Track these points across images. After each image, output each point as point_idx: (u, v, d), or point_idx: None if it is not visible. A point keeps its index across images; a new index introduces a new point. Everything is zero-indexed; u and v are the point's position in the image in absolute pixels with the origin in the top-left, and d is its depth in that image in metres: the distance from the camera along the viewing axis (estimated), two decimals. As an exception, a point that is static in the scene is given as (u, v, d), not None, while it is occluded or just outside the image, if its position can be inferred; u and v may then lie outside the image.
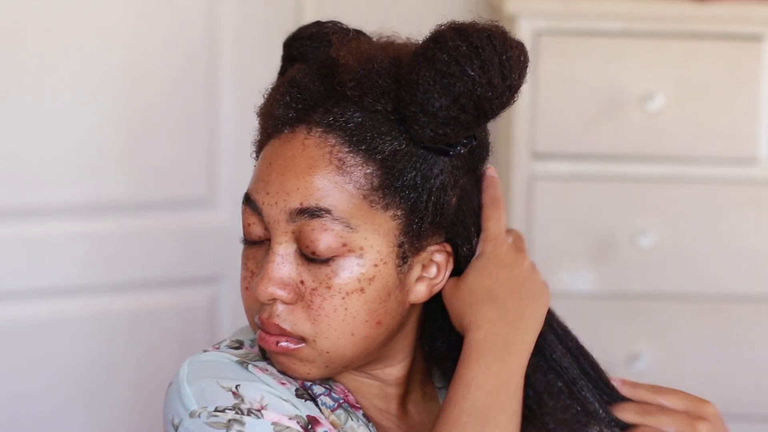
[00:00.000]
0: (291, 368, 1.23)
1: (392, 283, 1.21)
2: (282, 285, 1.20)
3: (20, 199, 2.36)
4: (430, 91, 1.17)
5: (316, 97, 1.22)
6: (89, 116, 2.39)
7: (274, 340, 1.21)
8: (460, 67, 1.16)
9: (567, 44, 2.40)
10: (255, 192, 1.24)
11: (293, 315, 1.20)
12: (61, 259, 2.40)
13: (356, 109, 1.20)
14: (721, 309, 2.45)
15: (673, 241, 2.43)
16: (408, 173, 1.20)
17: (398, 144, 1.20)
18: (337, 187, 1.19)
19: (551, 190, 2.42)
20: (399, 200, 1.20)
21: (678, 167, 2.43)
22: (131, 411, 2.48)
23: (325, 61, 1.24)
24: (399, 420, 1.31)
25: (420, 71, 1.17)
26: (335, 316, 1.20)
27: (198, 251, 2.53)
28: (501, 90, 1.18)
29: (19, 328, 2.38)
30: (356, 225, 1.19)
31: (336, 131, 1.20)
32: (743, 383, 2.46)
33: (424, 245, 1.23)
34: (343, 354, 1.22)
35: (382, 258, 1.20)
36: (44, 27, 2.33)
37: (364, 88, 1.20)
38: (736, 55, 2.41)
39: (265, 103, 1.27)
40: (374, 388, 1.30)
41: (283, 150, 1.22)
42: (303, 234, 1.19)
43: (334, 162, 1.19)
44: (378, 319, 1.21)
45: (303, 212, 1.19)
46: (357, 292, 1.20)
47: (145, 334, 2.49)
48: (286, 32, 1.36)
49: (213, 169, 2.52)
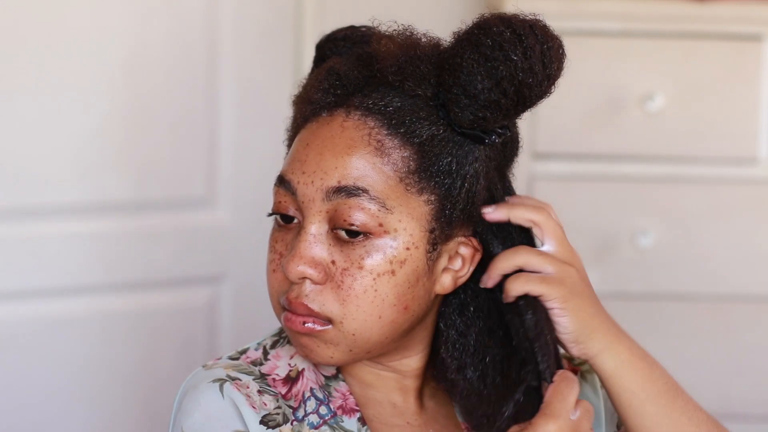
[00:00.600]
0: (314, 351, 1.23)
1: (421, 269, 1.23)
2: (313, 264, 1.21)
3: (20, 199, 2.36)
4: (474, 74, 1.19)
5: (354, 83, 1.24)
6: (89, 116, 2.39)
7: (301, 320, 1.22)
8: (504, 52, 1.19)
9: (567, 44, 2.39)
10: (290, 172, 1.24)
11: (322, 295, 1.22)
12: (61, 259, 2.40)
13: (395, 94, 1.23)
14: (721, 309, 2.45)
15: (673, 241, 2.43)
16: (444, 158, 1.22)
17: (436, 129, 1.22)
18: (375, 168, 1.21)
19: (551, 190, 2.42)
20: (434, 185, 1.22)
21: (678, 167, 2.43)
22: (131, 411, 2.48)
23: (364, 52, 1.26)
24: (415, 414, 1.31)
25: (464, 54, 1.20)
26: (365, 297, 1.21)
27: (198, 251, 2.53)
28: (541, 78, 1.23)
29: (19, 328, 2.38)
30: (392, 206, 1.21)
31: (375, 114, 1.22)
32: (743, 383, 2.46)
33: (453, 234, 1.25)
34: (369, 338, 1.23)
35: (414, 242, 1.22)
36: (44, 27, 2.33)
37: (405, 72, 1.22)
38: (736, 55, 2.41)
39: (302, 91, 1.28)
40: (392, 380, 1.31)
41: (322, 131, 1.23)
42: (339, 212, 1.20)
43: (372, 143, 1.21)
44: (405, 303, 1.23)
45: (340, 191, 1.20)
46: (388, 274, 1.21)
47: (145, 334, 2.49)
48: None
49: (213, 168, 2.52)
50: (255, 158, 2.53)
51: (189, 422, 1.22)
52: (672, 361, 2.48)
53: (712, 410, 2.63)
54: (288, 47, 2.51)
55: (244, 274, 2.55)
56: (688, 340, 2.45)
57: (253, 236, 2.49)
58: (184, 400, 1.24)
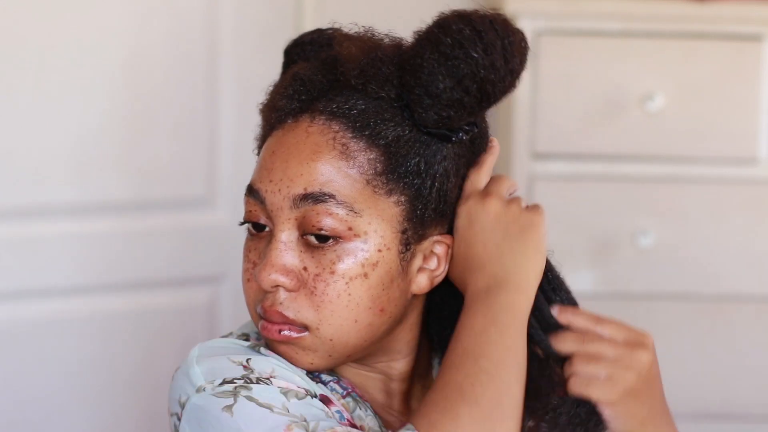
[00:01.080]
0: (293, 358, 1.23)
1: (395, 270, 1.22)
2: (285, 271, 1.21)
3: (20, 199, 2.36)
4: (435, 74, 1.19)
5: (319, 88, 1.24)
6: (89, 116, 2.39)
7: (277, 329, 1.22)
8: (464, 50, 1.19)
9: (567, 44, 2.40)
10: (258, 181, 1.24)
11: (296, 302, 1.21)
12: (61, 259, 2.40)
13: (359, 96, 1.22)
14: (721, 309, 2.45)
15: (673, 241, 2.43)
16: (411, 159, 1.21)
17: (401, 130, 1.22)
18: (341, 172, 1.20)
19: (551, 190, 2.42)
20: (402, 186, 1.21)
21: (678, 167, 2.43)
22: (131, 411, 2.48)
23: (328, 57, 1.26)
24: (401, 415, 1.31)
25: (424, 54, 1.19)
26: (339, 301, 1.20)
27: (198, 251, 2.53)
28: (503, 73, 1.20)
29: (19, 328, 2.38)
30: (360, 210, 1.20)
31: (339, 118, 1.21)
32: (743, 383, 2.46)
33: (427, 233, 1.24)
34: (347, 342, 1.22)
35: (385, 243, 1.21)
36: (44, 27, 2.33)
37: (367, 75, 1.22)
38: (736, 55, 2.41)
39: (268, 99, 1.28)
40: (378, 382, 1.31)
41: (287, 138, 1.23)
42: (307, 219, 1.20)
43: (337, 147, 1.21)
44: (381, 306, 1.22)
45: (307, 198, 1.20)
46: (360, 277, 1.20)
47: (145, 334, 2.49)
48: (286, 32, 1.36)
49: (213, 169, 2.52)
50: (255, 158, 2.52)
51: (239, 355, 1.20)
52: (672, 361, 2.49)
53: (712, 410, 2.65)
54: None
55: (244, 274, 2.54)
56: (688, 340, 2.45)
57: (253, 236, 2.49)
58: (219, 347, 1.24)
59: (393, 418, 1.30)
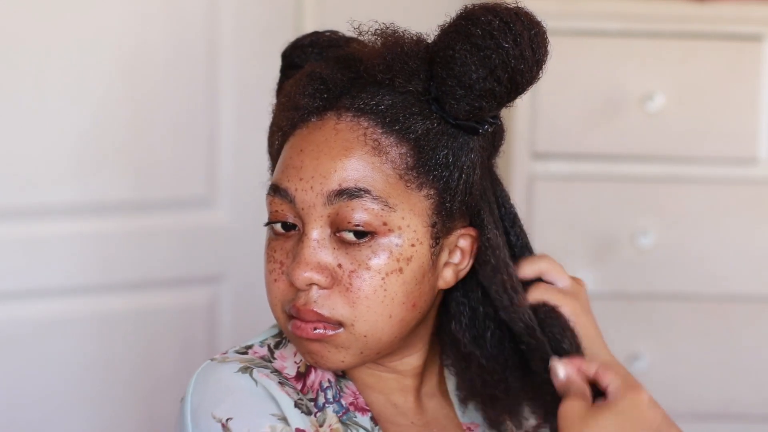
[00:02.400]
0: (325, 356, 1.23)
1: (426, 265, 1.23)
2: (319, 269, 1.21)
3: (20, 199, 2.36)
4: (468, 64, 1.20)
5: (341, 85, 1.24)
6: (89, 116, 2.39)
7: (311, 327, 1.22)
8: (495, 41, 1.20)
9: (567, 44, 2.40)
10: (285, 180, 1.23)
11: (330, 300, 1.21)
12: (60, 259, 2.40)
13: (385, 92, 1.23)
14: (721, 309, 2.45)
15: (673, 241, 2.43)
16: (440, 152, 1.23)
17: (430, 123, 1.23)
18: (374, 167, 1.21)
19: (551, 190, 2.42)
20: (432, 179, 1.23)
21: (678, 167, 2.43)
22: (131, 411, 2.48)
23: (345, 54, 1.27)
24: (415, 415, 1.32)
25: (456, 46, 1.20)
26: (375, 297, 1.21)
27: (198, 251, 2.53)
28: (531, 63, 1.22)
29: (19, 328, 2.38)
30: (394, 204, 1.21)
31: (367, 114, 1.22)
32: (743, 383, 2.46)
33: (453, 226, 1.25)
34: (380, 338, 1.22)
35: (418, 238, 1.22)
36: (44, 27, 2.33)
37: (394, 70, 1.23)
38: (736, 55, 2.41)
39: (285, 99, 1.28)
40: (392, 381, 1.31)
41: (314, 136, 1.23)
42: (341, 215, 1.20)
43: (369, 143, 1.21)
44: (413, 301, 1.23)
45: (342, 193, 1.20)
46: (396, 272, 1.21)
47: (145, 334, 2.49)
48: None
49: (213, 169, 2.52)
50: (255, 158, 2.52)
51: (221, 408, 1.21)
52: (672, 361, 2.49)
53: (712, 410, 2.64)
54: (285, 48, 2.52)
55: (244, 274, 2.55)
56: (688, 340, 2.45)
57: (253, 236, 2.49)
58: (209, 389, 1.23)
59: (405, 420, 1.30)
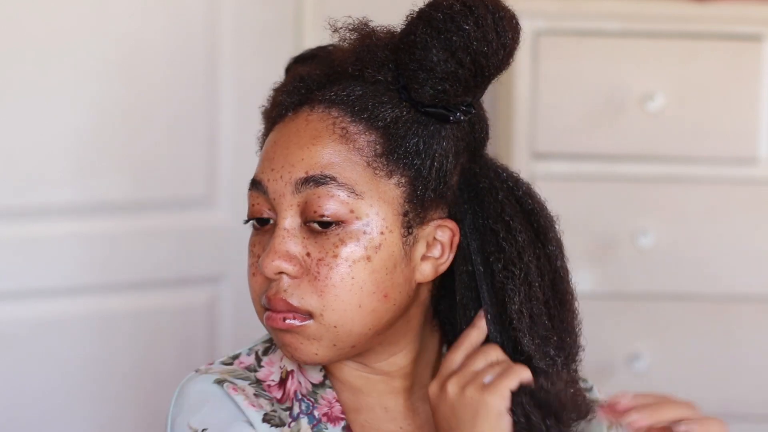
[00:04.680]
0: (298, 348, 1.23)
1: (398, 254, 1.23)
2: (288, 258, 1.22)
3: (20, 199, 2.36)
4: (428, 47, 1.21)
5: (317, 80, 1.26)
6: (88, 116, 2.39)
7: (281, 317, 1.22)
8: (456, 23, 1.20)
9: (567, 44, 2.40)
10: (260, 173, 1.26)
11: (300, 289, 1.22)
12: (61, 259, 2.40)
13: (357, 83, 1.24)
14: (721, 309, 2.45)
15: (673, 241, 2.43)
16: (410, 139, 1.23)
17: (399, 111, 1.24)
18: (341, 155, 1.22)
19: (551, 190, 2.40)
20: (403, 167, 1.23)
21: (678, 167, 2.43)
22: (131, 410, 2.48)
23: (326, 56, 1.29)
24: (405, 418, 1.31)
25: (417, 31, 1.21)
26: (342, 285, 1.21)
27: (198, 251, 2.53)
28: (496, 46, 1.22)
29: (19, 328, 2.37)
30: (361, 192, 1.21)
31: (338, 105, 1.24)
32: (743, 383, 2.45)
33: (427, 216, 1.25)
34: (351, 329, 1.22)
35: (387, 226, 1.22)
36: (43, 26, 2.33)
37: (363, 61, 1.24)
38: (736, 55, 2.41)
39: (269, 100, 1.31)
40: (380, 384, 1.30)
41: (287, 128, 1.25)
42: (309, 203, 1.21)
43: (337, 131, 1.22)
44: (385, 291, 1.22)
45: (308, 181, 1.21)
46: (363, 260, 1.21)
47: (145, 334, 2.49)
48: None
49: (213, 169, 2.52)
50: (255, 158, 2.52)
51: (197, 417, 1.23)
52: (672, 361, 2.50)
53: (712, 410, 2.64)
54: (288, 47, 2.51)
55: (244, 274, 2.53)
56: (688, 340, 2.45)
57: (253, 236, 2.49)
58: (187, 400, 1.25)
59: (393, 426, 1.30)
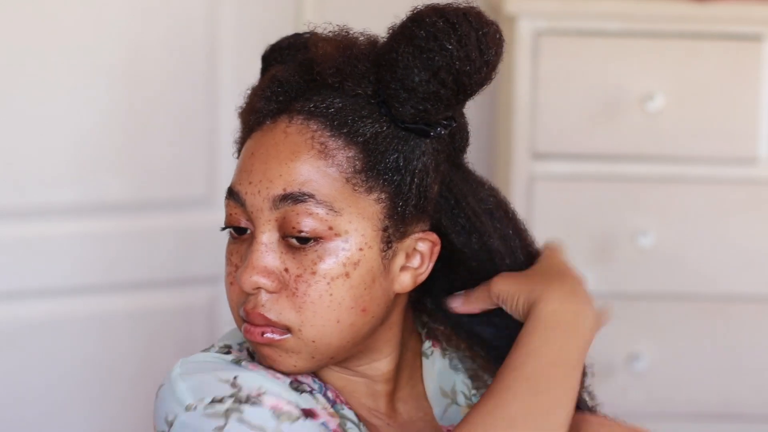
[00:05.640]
0: (277, 360, 1.22)
1: (377, 269, 1.21)
2: (266, 273, 1.20)
3: (20, 199, 2.36)
4: (410, 67, 1.18)
5: (296, 88, 1.24)
6: (89, 116, 2.39)
7: (259, 331, 1.21)
8: (439, 42, 1.18)
9: (567, 44, 2.40)
10: (238, 183, 1.24)
11: (278, 304, 1.20)
12: (61, 259, 2.40)
13: (336, 95, 1.22)
14: (721, 309, 2.45)
15: (673, 241, 2.43)
16: (390, 155, 1.21)
17: (379, 126, 1.21)
18: (320, 171, 1.20)
19: (551, 190, 2.42)
20: (382, 183, 1.21)
21: (678, 167, 2.43)
22: (131, 410, 2.48)
23: (305, 58, 1.26)
24: (388, 418, 1.30)
25: (399, 48, 1.19)
26: (320, 302, 1.19)
27: (198, 251, 2.53)
28: (479, 65, 1.20)
29: (19, 328, 2.38)
30: (340, 208, 1.20)
31: (317, 117, 1.21)
32: (743, 383, 2.45)
33: (408, 230, 1.23)
34: (329, 343, 1.21)
35: (366, 242, 1.20)
36: (43, 27, 2.33)
37: (344, 73, 1.22)
38: (736, 55, 2.41)
39: (246, 102, 1.29)
40: (361, 386, 1.30)
41: (265, 139, 1.23)
42: (287, 220, 1.19)
43: (316, 147, 1.20)
44: (363, 305, 1.21)
45: (286, 198, 1.19)
46: (342, 276, 1.20)
47: (145, 334, 2.49)
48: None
49: (213, 169, 2.52)
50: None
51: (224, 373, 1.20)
52: (672, 361, 2.49)
53: (712, 410, 2.63)
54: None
55: (244, 274, 2.55)
56: (688, 340, 2.45)
57: (253, 236, 2.49)
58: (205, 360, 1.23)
59: (380, 422, 1.29)
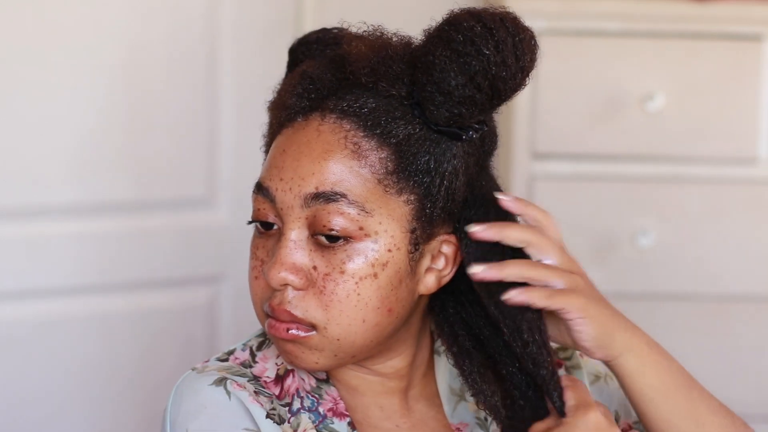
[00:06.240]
0: (299, 357, 1.23)
1: (404, 270, 1.22)
2: (294, 270, 1.21)
3: (20, 199, 2.36)
4: (447, 71, 1.19)
5: (328, 86, 1.24)
6: (89, 116, 2.39)
7: (285, 327, 1.22)
8: (476, 47, 1.19)
9: (567, 44, 2.40)
10: (268, 179, 1.24)
11: (304, 301, 1.21)
12: (60, 259, 2.40)
13: (369, 95, 1.22)
14: (721, 309, 2.45)
15: (673, 241, 2.43)
16: (422, 157, 1.21)
17: (412, 128, 1.22)
18: (353, 171, 1.20)
19: (551, 190, 2.42)
20: (413, 185, 1.21)
21: (678, 167, 2.43)
22: (131, 410, 2.48)
23: (336, 55, 1.26)
24: (401, 417, 1.31)
25: (436, 52, 1.19)
26: (348, 301, 1.20)
27: (198, 251, 2.53)
28: (514, 70, 1.21)
29: (19, 328, 2.38)
30: (371, 209, 1.20)
31: (350, 117, 1.21)
32: (743, 383, 2.46)
33: (434, 233, 1.24)
34: (353, 342, 1.22)
35: (395, 243, 1.21)
36: (43, 27, 2.33)
37: (378, 73, 1.22)
38: (736, 55, 2.41)
39: (276, 96, 1.28)
40: (376, 384, 1.30)
41: (298, 136, 1.23)
42: (318, 218, 1.20)
43: (349, 146, 1.21)
44: (389, 306, 1.22)
45: (318, 197, 1.20)
46: (370, 277, 1.20)
47: (145, 334, 2.49)
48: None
49: (213, 169, 2.53)
50: (255, 158, 2.51)
51: (196, 424, 1.21)
52: (672, 361, 2.48)
53: (712, 410, 2.61)
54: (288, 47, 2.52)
55: (244, 274, 2.53)
56: (688, 340, 2.45)
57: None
58: (184, 403, 1.24)
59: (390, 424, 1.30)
